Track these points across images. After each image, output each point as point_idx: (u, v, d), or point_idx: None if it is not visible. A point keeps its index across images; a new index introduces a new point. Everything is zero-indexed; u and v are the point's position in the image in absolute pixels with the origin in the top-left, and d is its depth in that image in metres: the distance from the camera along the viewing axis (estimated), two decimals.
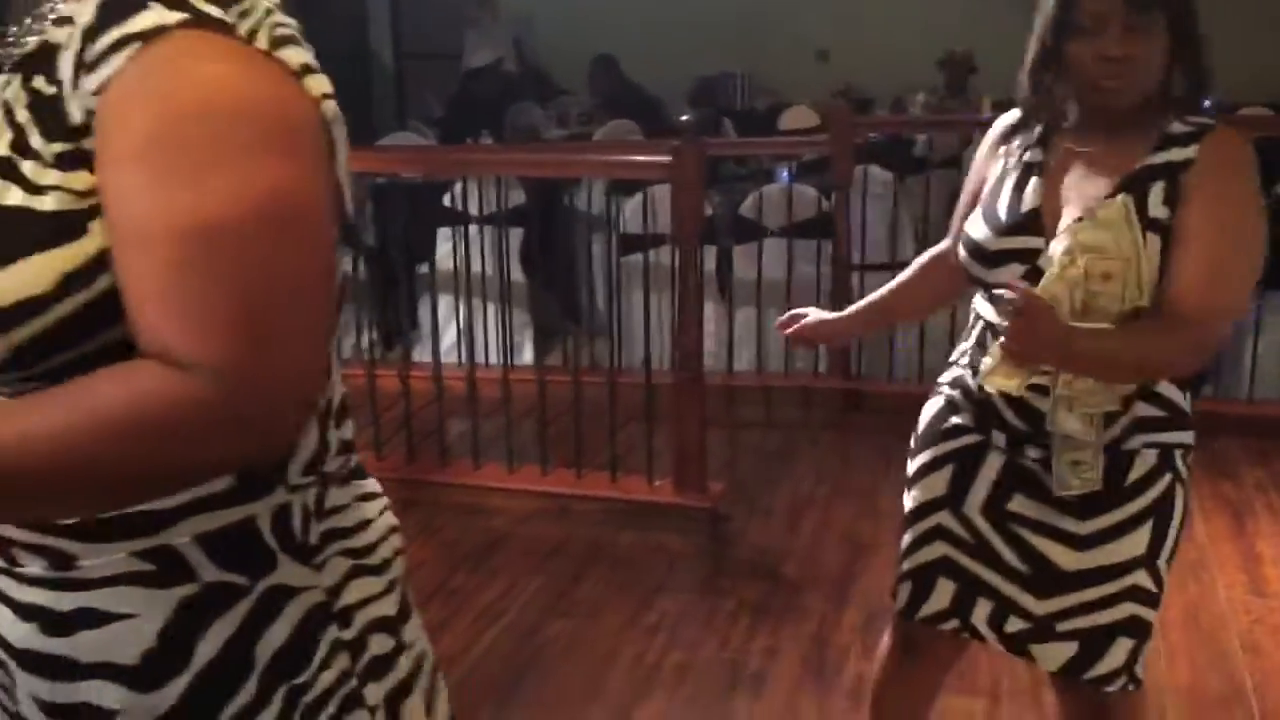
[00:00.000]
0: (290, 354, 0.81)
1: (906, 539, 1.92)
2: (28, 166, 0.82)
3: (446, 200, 4.92)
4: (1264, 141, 5.26)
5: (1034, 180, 1.73)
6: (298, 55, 0.86)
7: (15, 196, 0.82)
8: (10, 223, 0.81)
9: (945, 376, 1.92)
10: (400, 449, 4.00)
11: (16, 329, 0.81)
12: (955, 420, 1.86)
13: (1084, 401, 1.66)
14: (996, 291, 1.69)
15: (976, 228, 1.77)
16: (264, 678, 0.93)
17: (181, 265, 0.78)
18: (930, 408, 1.93)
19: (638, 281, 4.39)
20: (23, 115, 0.84)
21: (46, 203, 0.81)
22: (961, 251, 1.80)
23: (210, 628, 0.91)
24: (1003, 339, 1.55)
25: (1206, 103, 1.69)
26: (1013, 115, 1.82)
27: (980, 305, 1.82)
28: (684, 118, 3.58)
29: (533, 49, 8.89)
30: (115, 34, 0.80)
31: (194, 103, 0.79)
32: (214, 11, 0.82)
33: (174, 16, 0.81)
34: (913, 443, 1.94)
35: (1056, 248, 1.64)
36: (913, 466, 1.93)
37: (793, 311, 2.12)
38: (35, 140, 0.83)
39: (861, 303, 2.16)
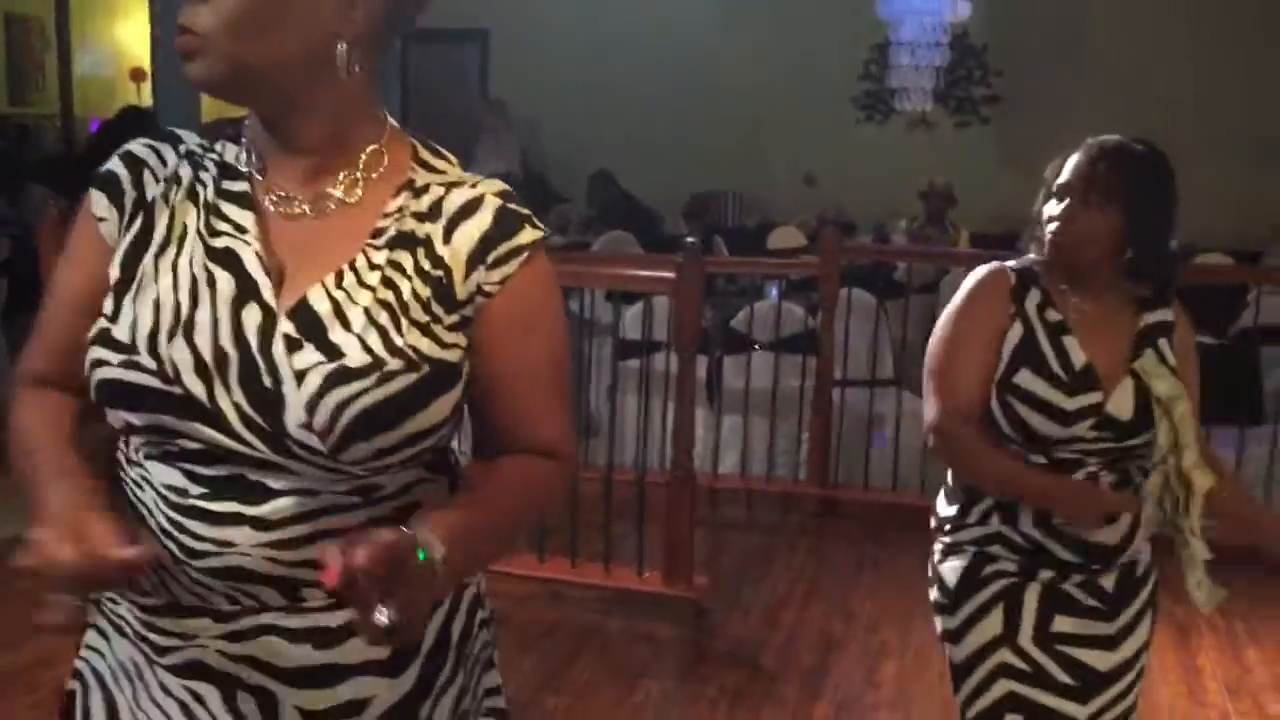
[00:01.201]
0: None
1: (970, 685, 2.01)
2: (438, 330, 1.16)
3: None
4: (1223, 288, 5.62)
5: (1068, 338, 1.94)
6: None
7: (438, 352, 1.15)
8: (438, 372, 1.15)
9: (966, 535, 2.02)
10: None
11: (420, 444, 1.15)
12: (993, 568, 1.99)
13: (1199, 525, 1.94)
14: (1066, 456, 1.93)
15: (1039, 387, 1.91)
16: (455, 652, 1.26)
17: (555, 390, 1.25)
18: (958, 565, 2.03)
19: (631, 385, 4.69)
20: (424, 291, 1.16)
21: (452, 355, 1.17)
22: (1024, 410, 1.91)
23: (429, 621, 1.21)
24: None
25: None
26: (996, 274, 2.00)
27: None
28: (689, 239, 3.92)
29: (538, 156, 9.30)
30: (511, 244, 1.18)
31: (554, 290, 1.25)
32: (542, 228, 1.22)
33: (537, 235, 1.20)
34: (944, 598, 2.04)
35: (1124, 405, 1.91)
36: (957, 620, 2.02)
37: None
38: (438, 310, 1.16)
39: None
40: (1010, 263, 2.03)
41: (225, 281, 1.15)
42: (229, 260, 1.16)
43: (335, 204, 1.19)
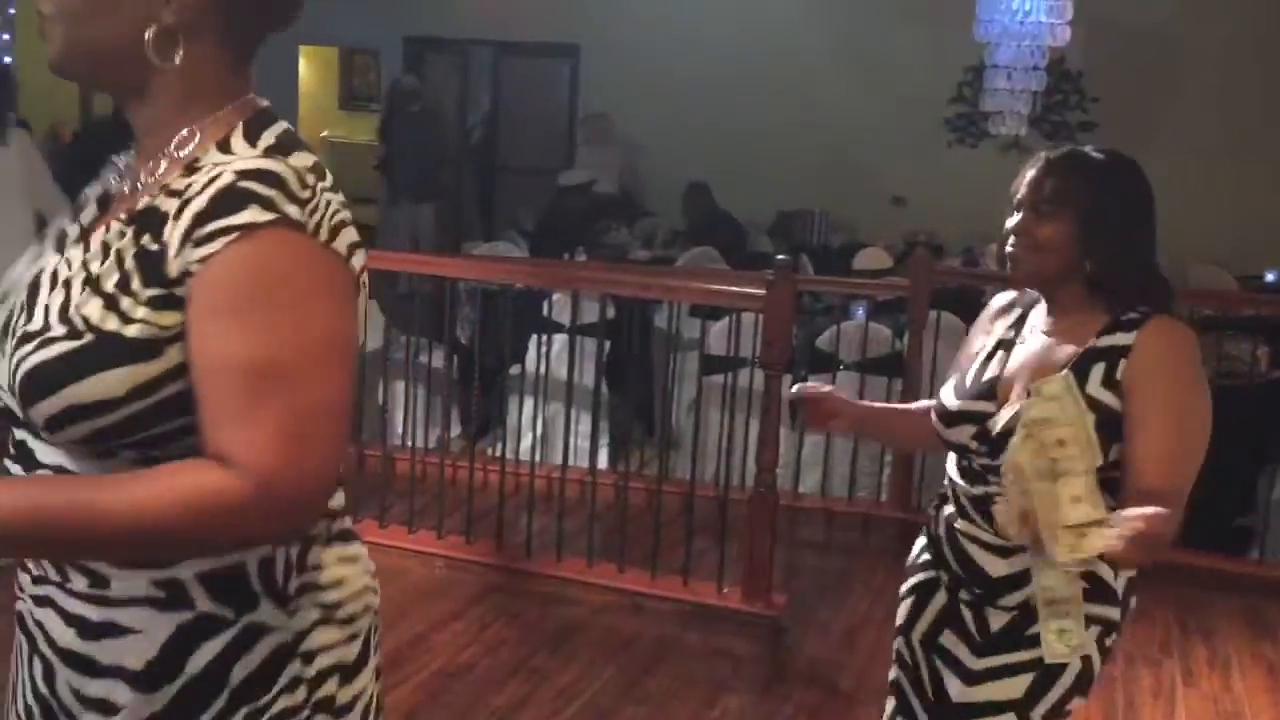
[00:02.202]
0: (317, 463, 1.10)
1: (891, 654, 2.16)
2: (125, 302, 1.11)
3: (551, 311, 5.29)
4: None
5: (1000, 354, 1.98)
6: (347, 238, 1.17)
7: (112, 324, 1.11)
8: (104, 343, 1.11)
9: (926, 518, 2.12)
10: (488, 537, 4.29)
11: (94, 419, 1.11)
12: (925, 556, 2.07)
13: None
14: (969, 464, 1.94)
15: (946, 392, 2.01)
16: (233, 695, 1.18)
17: (248, 392, 1.08)
18: (917, 544, 2.13)
19: (714, 400, 4.69)
20: (130, 264, 1.13)
21: (132, 330, 1.11)
22: (932, 411, 2.04)
23: (199, 648, 1.17)
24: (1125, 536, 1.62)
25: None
26: (1006, 296, 2.09)
27: (949, 466, 2.03)
28: (781, 256, 3.93)
29: (633, 171, 9.36)
30: (222, 223, 1.09)
31: (271, 279, 1.10)
32: (293, 214, 1.11)
33: (265, 216, 1.10)
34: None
35: (1001, 419, 1.87)
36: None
37: (810, 387, 2.18)
38: (135, 284, 1.12)
39: (875, 406, 2.38)
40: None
41: (43, 263, 1.22)
42: (59, 246, 1.24)
43: (144, 186, 1.20)
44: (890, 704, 2.12)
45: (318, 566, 1.23)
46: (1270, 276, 6.97)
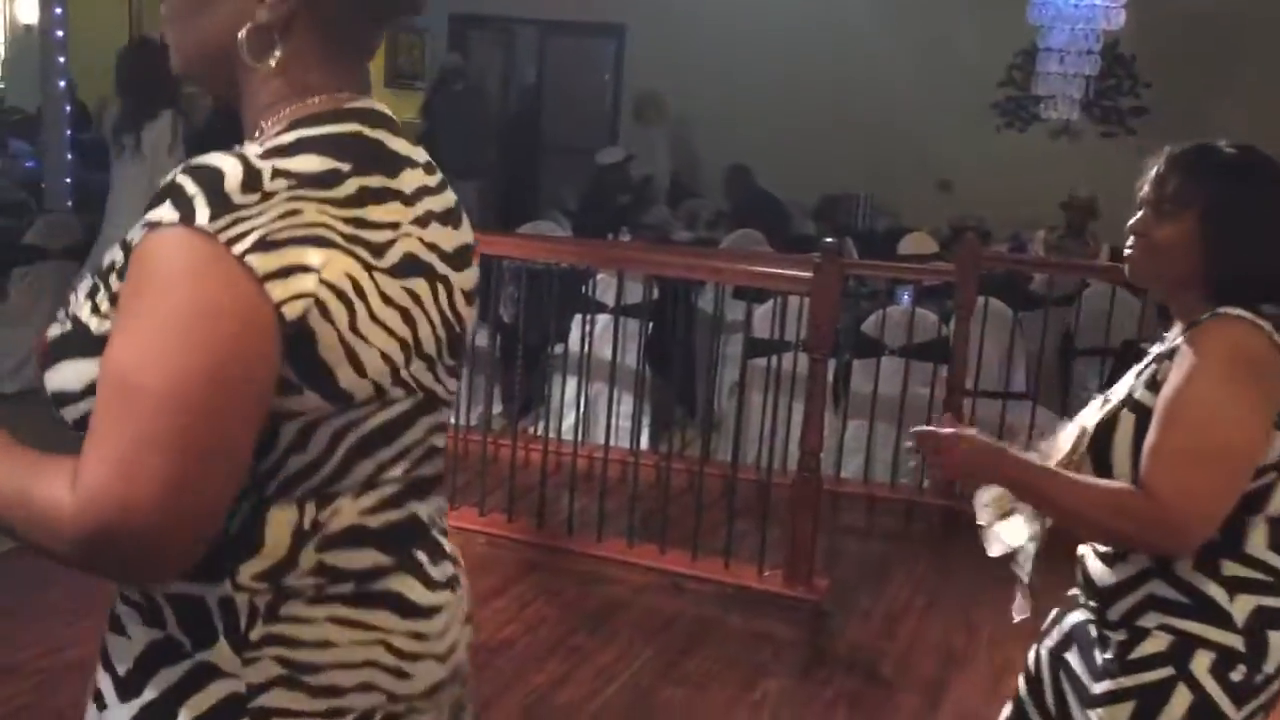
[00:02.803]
0: (146, 504, 0.97)
1: None
2: (101, 294, 1.07)
3: (594, 291, 5.28)
4: None
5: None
6: (285, 258, 1.02)
7: (85, 313, 1.07)
8: (76, 334, 1.07)
9: None
10: (530, 515, 4.30)
11: (61, 409, 1.08)
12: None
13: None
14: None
15: None
16: None
17: (104, 406, 1.00)
18: None
19: (757, 383, 4.68)
20: (119, 254, 1.07)
21: (95, 324, 1.06)
22: None
23: (158, 674, 1.10)
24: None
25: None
26: None
27: None
28: (828, 240, 3.90)
29: (686, 150, 9.32)
30: (145, 217, 1.03)
31: (153, 287, 1.01)
32: (201, 218, 1.00)
33: (171, 216, 1.00)
34: None
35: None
36: None
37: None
38: (114, 279, 1.06)
39: None
40: None
41: None
42: None
43: None
44: (1007, 709, 1.99)
45: (295, 620, 1.10)
46: None
